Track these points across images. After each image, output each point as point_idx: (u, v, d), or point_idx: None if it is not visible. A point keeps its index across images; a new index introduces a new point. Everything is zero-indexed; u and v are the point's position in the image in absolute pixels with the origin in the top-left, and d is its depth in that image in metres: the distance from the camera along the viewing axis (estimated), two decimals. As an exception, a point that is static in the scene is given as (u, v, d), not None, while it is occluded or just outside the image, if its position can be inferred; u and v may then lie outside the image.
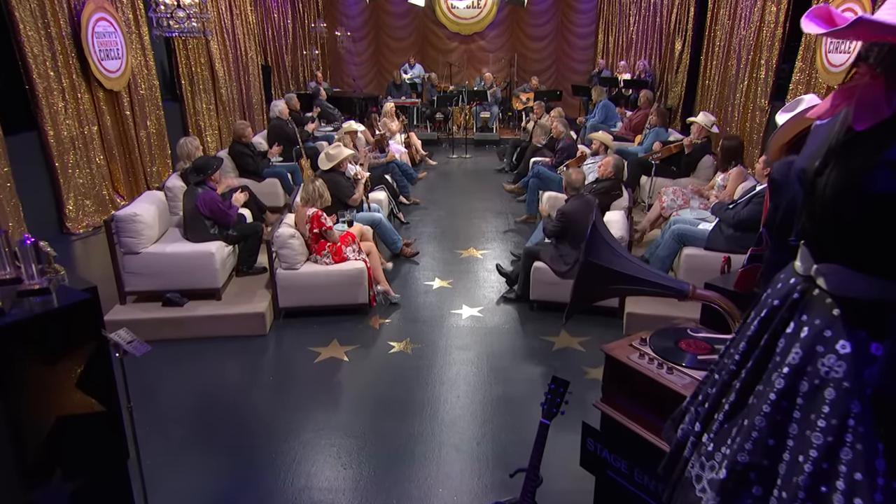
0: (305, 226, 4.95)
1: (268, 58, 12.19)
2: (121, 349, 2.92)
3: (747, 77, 8.42)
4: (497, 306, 5.15)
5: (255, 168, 7.00)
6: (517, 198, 8.17)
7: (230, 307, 4.75)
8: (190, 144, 5.85)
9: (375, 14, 14.68)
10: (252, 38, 11.09)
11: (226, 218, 5.09)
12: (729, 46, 9.06)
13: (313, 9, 13.90)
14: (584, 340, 4.60)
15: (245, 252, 5.30)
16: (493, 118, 12.43)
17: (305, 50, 13.30)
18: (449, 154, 10.98)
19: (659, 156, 6.79)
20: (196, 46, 9.32)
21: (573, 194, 4.98)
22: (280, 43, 12.67)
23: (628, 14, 13.06)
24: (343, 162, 5.97)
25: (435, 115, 12.41)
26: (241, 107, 10.56)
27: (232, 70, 10.30)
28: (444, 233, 6.92)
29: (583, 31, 14.45)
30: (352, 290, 4.89)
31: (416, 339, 4.62)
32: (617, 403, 2.19)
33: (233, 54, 10.34)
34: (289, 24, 12.95)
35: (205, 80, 9.58)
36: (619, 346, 2.23)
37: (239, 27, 10.53)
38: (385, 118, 9.49)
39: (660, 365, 2.04)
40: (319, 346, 4.50)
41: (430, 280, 5.64)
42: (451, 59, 14.25)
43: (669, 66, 11.99)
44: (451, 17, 14.36)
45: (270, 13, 12.16)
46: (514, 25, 14.67)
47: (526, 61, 14.61)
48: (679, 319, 4.49)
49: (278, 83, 12.76)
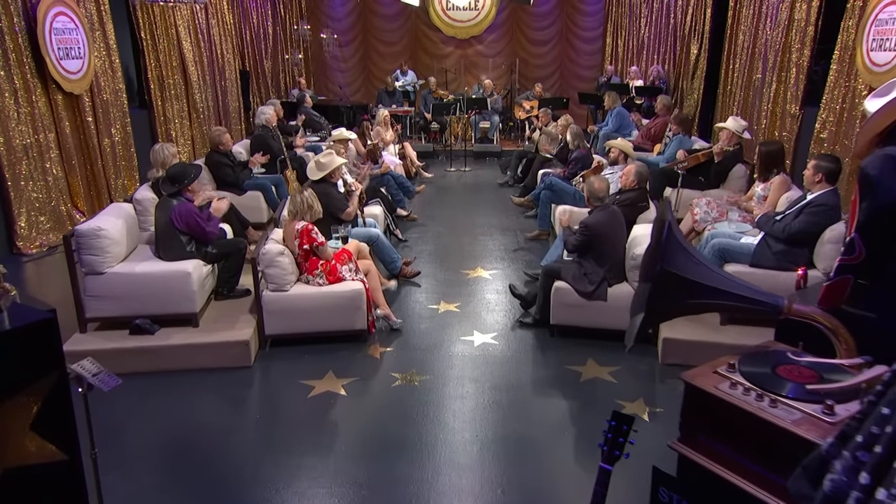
0: (294, 241, 4.77)
1: (246, 62, 12.08)
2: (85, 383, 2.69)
3: (775, 81, 8.36)
4: (512, 332, 5.00)
5: (235, 179, 6.81)
6: (525, 213, 8.10)
7: (209, 335, 4.60)
8: (165, 151, 5.68)
9: (364, 16, 14.67)
10: (229, 41, 10.97)
11: (204, 233, 4.92)
12: (753, 48, 9.03)
13: (296, 10, 13.86)
14: (615, 370, 4.44)
15: (226, 272, 5.12)
16: (494, 128, 12.37)
17: (287, 54, 13.19)
18: (446, 167, 10.90)
19: (685, 165, 6.67)
20: (167, 48, 9.17)
21: (597, 205, 4.83)
22: (259, 47, 12.57)
23: (639, 16, 13.09)
24: (335, 171, 5.80)
25: (430, 126, 12.30)
26: (216, 115, 10.40)
27: (207, 75, 10.16)
28: (446, 251, 6.82)
29: (589, 35, 14.50)
30: (349, 314, 4.73)
31: (423, 370, 4.45)
32: (700, 444, 1.97)
33: (208, 57, 10.20)
34: (269, 27, 12.87)
35: (177, 85, 9.43)
36: (701, 374, 2.02)
37: (215, 28, 10.41)
38: (379, 127, 9.36)
39: (759, 396, 1.83)
40: (312, 378, 4.34)
41: (435, 303, 5.49)
42: (447, 65, 14.22)
43: (684, 72, 11.96)
44: (446, 20, 14.37)
45: (249, 14, 12.07)
46: (514, 28, 14.70)
47: (528, 67, 14.61)
48: (722, 346, 4.34)
49: (257, 91, 12.63)
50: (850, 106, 6.71)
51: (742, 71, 9.45)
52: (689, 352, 4.42)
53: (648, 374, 4.42)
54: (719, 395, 1.88)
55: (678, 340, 4.45)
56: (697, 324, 4.58)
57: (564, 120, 8.56)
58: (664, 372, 4.41)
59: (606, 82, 12.84)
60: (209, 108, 10.20)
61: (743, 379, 1.92)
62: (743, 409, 1.81)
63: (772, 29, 8.54)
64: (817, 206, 4.26)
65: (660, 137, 8.64)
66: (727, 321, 4.57)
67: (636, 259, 4.57)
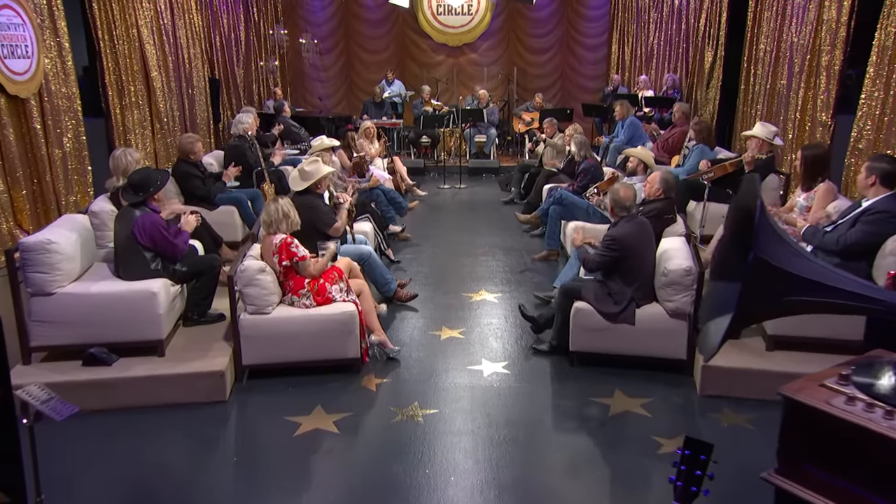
0: (273, 258, 4.62)
1: (216, 70, 11.96)
2: (32, 412, 2.47)
3: (803, 87, 8.37)
4: (526, 360, 4.90)
5: (206, 193, 6.65)
6: (531, 231, 8.07)
7: (177, 365, 4.46)
8: (127, 157, 5.55)
9: (346, 21, 14.67)
10: (198, 45, 10.87)
11: (172, 248, 4.76)
12: (777, 52, 9.08)
13: (271, 13, 13.82)
14: (648, 402, 4.32)
15: (197, 293, 4.97)
16: (490, 142, 12.34)
17: (262, 61, 13.12)
18: (439, 184, 10.86)
19: (711, 175, 6.59)
20: (128, 50, 9.03)
21: (623, 215, 4.71)
22: (231, 53, 12.47)
23: (647, 21, 13.22)
24: (322, 181, 5.66)
25: (420, 140, 12.22)
26: (182, 125, 10.23)
27: (172, 81, 10.01)
28: (445, 273, 6.77)
29: (593, 42, 14.58)
30: (340, 340, 4.61)
31: (427, 403, 4.32)
32: (806, 475, 1.77)
33: (174, 62, 10.07)
34: (241, 31, 12.80)
35: (138, 92, 9.26)
36: (805, 388, 1.83)
37: (182, 30, 10.30)
38: (362, 139, 9.25)
39: (887, 413, 1.64)
40: (299, 414, 4.19)
41: (436, 329, 5.39)
42: (438, 74, 14.22)
43: (699, 81, 12.04)
44: (436, 26, 14.41)
45: (219, 17, 11.99)
46: (511, 35, 14.77)
47: (526, 77, 14.65)
48: (770, 374, 4.18)
49: (228, 101, 12.51)
50: (891, 112, 6.68)
51: (765, 77, 9.48)
52: (731, 381, 4.31)
53: (686, 406, 4.30)
54: (834, 413, 1.70)
55: (719, 368, 4.31)
56: (740, 349, 4.47)
57: (572, 129, 8.49)
58: (704, 404, 4.28)
59: (612, 92, 12.90)
60: (174, 118, 10.03)
61: (861, 393, 1.74)
62: (866, 429, 1.62)
63: (798, 31, 8.58)
64: (876, 213, 4.15)
65: (678, 148, 8.60)
66: (774, 346, 4.42)
67: (668, 275, 4.44)
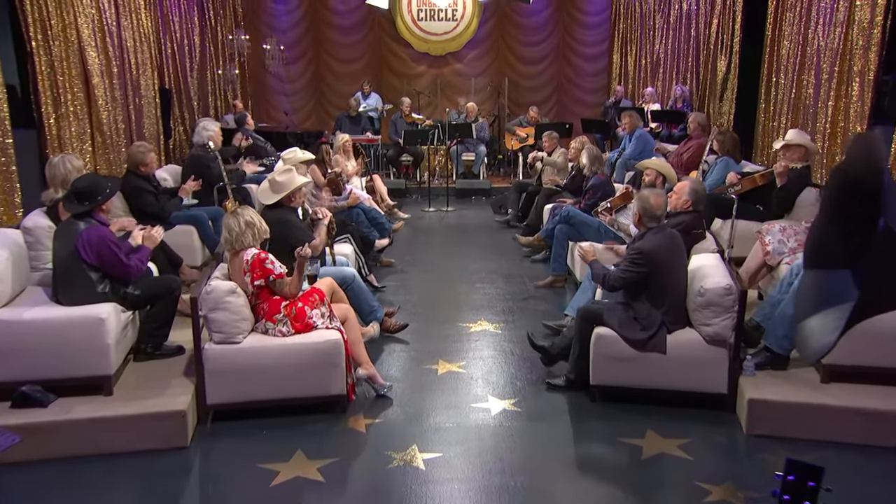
0: (245, 277, 4.48)
1: (166, 78, 11.87)
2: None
3: (833, 95, 8.46)
4: (539, 397, 4.81)
5: (160, 210, 6.50)
6: (532, 256, 8.09)
7: (128, 406, 4.30)
8: (67, 164, 5.43)
9: (315, 27, 14.72)
10: (147, 49, 10.77)
11: (123, 268, 4.60)
12: (802, 57, 9.20)
13: (229, 17, 13.80)
14: (686, 443, 4.22)
15: (152, 321, 4.83)
16: (480, 161, 12.36)
17: (220, 69, 13.06)
18: (423, 207, 10.87)
19: (739, 189, 6.56)
20: (65, 53, 8.90)
21: (652, 226, 4.64)
22: (183, 60, 12.39)
23: (652, 28, 13.41)
24: (296, 194, 5.57)
25: (401, 158, 12.18)
26: (128, 138, 10.06)
27: (117, 89, 9.89)
28: (437, 301, 6.76)
29: (592, 52, 14.77)
30: (323, 374, 4.48)
31: (427, 447, 4.20)
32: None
33: (119, 67, 9.95)
34: (195, 37, 12.74)
35: (76, 101, 9.11)
36: None
37: (128, 31, 10.20)
38: (338, 155, 9.17)
39: None
40: (276, 461, 4.06)
41: (431, 362, 5.32)
42: (419, 86, 14.27)
43: (711, 93, 12.18)
44: (417, 33, 14.50)
45: (170, 19, 11.92)
46: (500, 43, 14.91)
47: (518, 90, 14.76)
48: (828, 409, 4.08)
49: (180, 114, 12.40)
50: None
51: (788, 86, 9.59)
52: (783, 418, 4.22)
53: (731, 447, 4.21)
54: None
55: (768, 403, 4.23)
56: (790, 381, 4.41)
57: (579, 142, 8.48)
58: (752, 445, 4.19)
59: (615, 106, 12.98)
60: (118, 131, 9.88)
61: None
62: None
63: (825, 33, 8.69)
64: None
65: (695, 164, 8.58)
66: (829, 377, 4.35)
67: (705, 295, 4.35)
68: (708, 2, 12.10)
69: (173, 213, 6.66)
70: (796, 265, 4.76)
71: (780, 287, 4.76)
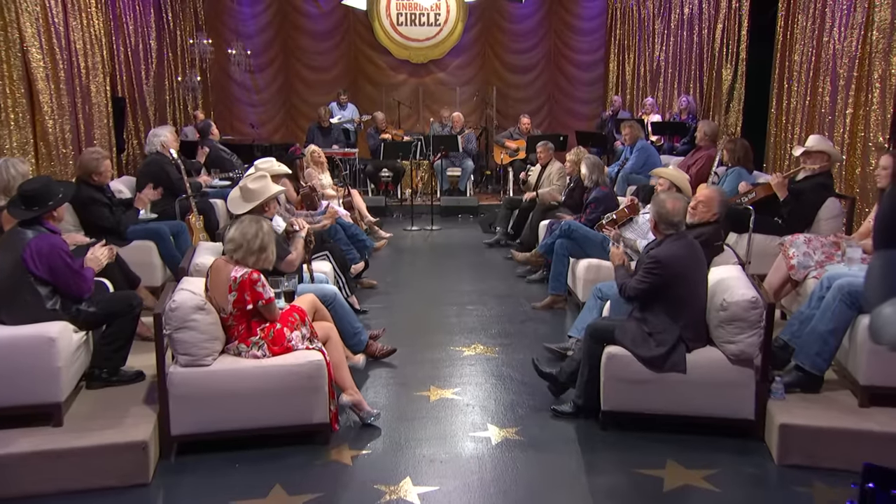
0: (230, 296, 4.37)
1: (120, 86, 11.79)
2: None
3: (851, 103, 8.52)
4: (544, 425, 4.75)
5: (115, 224, 6.39)
6: (528, 276, 8.13)
7: (80, 437, 4.19)
8: (11, 170, 5.39)
9: (284, 32, 14.77)
10: (98, 52, 10.69)
11: (77, 281, 4.51)
12: (817, 62, 9.29)
13: (189, 20, 13.77)
14: (712, 474, 4.15)
15: (108, 343, 4.71)
16: (467, 176, 12.39)
17: (180, 76, 13.01)
18: (406, 226, 10.88)
19: (753, 197, 6.61)
20: (5, 54, 8.79)
21: (670, 233, 4.60)
22: (139, 66, 12.31)
23: (651, 33, 13.55)
24: (270, 203, 5.49)
25: (380, 174, 12.16)
26: (76, 149, 9.94)
27: (64, 95, 9.79)
28: (426, 324, 6.80)
29: (586, 60, 14.93)
30: (303, 400, 4.39)
31: (422, 480, 4.11)
32: None
33: (66, 72, 9.86)
34: (151, 41, 12.68)
35: (18, 107, 9.00)
36: None
37: (77, 32, 10.12)
38: (310, 169, 9.13)
39: None
40: (250, 497, 3.99)
41: (423, 389, 5.28)
42: (398, 96, 14.31)
43: (716, 103, 12.29)
44: (397, 38, 14.58)
45: (123, 21, 11.85)
46: (487, 51, 15.04)
47: (506, 101, 14.87)
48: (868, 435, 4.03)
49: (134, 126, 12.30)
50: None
51: (801, 95, 9.68)
52: (819, 446, 4.15)
53: (762, 479, 4.14)
54: None
55: (801, 429, 4.17)
56: (825, 406, 4.36)
57: (575, 154, 8.51)
58: (786, 476, 4.12)
59: (612, 118, 13.09)
60: (65, 141, 9.76)
61: None
62: None
63: (841, 36, 8.78)
64: None
65: (704, 176, 8.60)
66: (869, 400, 4.32)
67: (728, 309, 4.30)
68: (712, 5, 12.26)
69: (130, 227, 6.55)
70: (826, 278, 4.73)
71: (810, 302, 4.72)
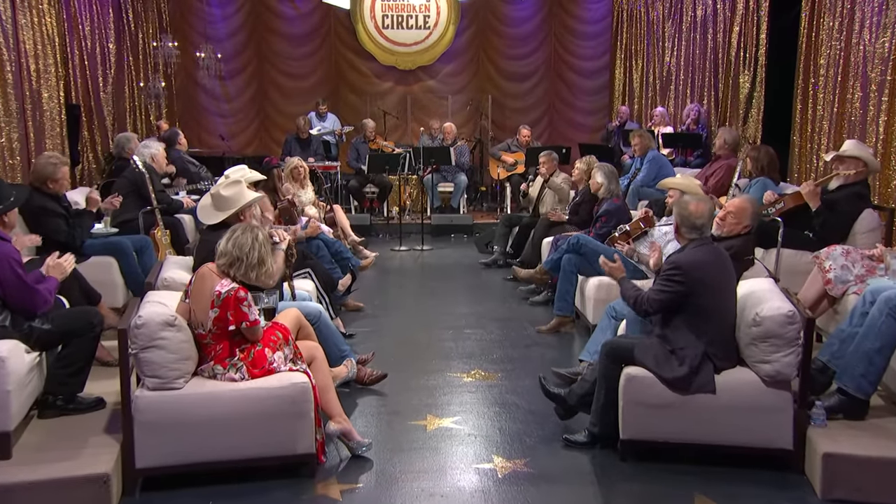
0: (211, 312, 4.32)
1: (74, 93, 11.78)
2: None
3: (885, 109, 8.55)
4: (555, 456, 4.72)
5: (71, 237, 6.35)
6: (531, 297, 8.18)
7: (32, 470, 4.16)
8: None
9: (257, 36, 14.81)
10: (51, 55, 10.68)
11: (29, 295, 4.48)
12: (846, 66, 9.33)
13: (152, 22, 13.77)
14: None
15: (65, 366, 4.64)
16: (460, 192, 12.41)
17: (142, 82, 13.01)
18: (394, 245, 10.94)
19: (782, 207, 6.63)
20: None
21: (693, 238, 4.58)
22: (95, 71, 12.30)
23: (661, 38, 13.62)
24: (245, 211, 5.47)
25: (364, 190, 12.14)
26: (25, 161, 9.93)
27: (12, 101, 9.78)
28: (419, 349, 6.83)
29: (590, 67, 15.02)
30: (286, 427, 4.36)
31: None
32: None
33: (15, 75, 9.85)
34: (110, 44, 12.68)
35: (-42, 113, 9.00)
36: None
37: (27, 31, 10.11)
38: (288, 183, 9.12)
39: None
40: None
41: (419, 417, 5.26)
42: (384, 105, 14.35)
43: (733, 112, 12.33)
44: (382, 43, 14.64)
45: (79, 22, 11.84)
46: (481, 57, 15.11)
47: (503, 112, 14.95)
48: None
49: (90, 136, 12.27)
50: None
51: (828, 102, 9.72)
52: (868, 480, 4.09)
53: None
54: None
55: (848, 459, 4.11)
56: (872, 433, 4.30)
57: (584, 163, 8.54)
58: None
59: (619, 129, 13.13)
60: (12, 151, 9.75)
61: None
62: None
63: (872, 37, 8.84)
64: None
65: (724, 188, 8.63)
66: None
67: (762, 324, 4.27)
68: (727, 6, 12.34)
69: (86, 240, 6.52)
70: (869, 292, 4.72)
71: (851, 318, 4.70)
